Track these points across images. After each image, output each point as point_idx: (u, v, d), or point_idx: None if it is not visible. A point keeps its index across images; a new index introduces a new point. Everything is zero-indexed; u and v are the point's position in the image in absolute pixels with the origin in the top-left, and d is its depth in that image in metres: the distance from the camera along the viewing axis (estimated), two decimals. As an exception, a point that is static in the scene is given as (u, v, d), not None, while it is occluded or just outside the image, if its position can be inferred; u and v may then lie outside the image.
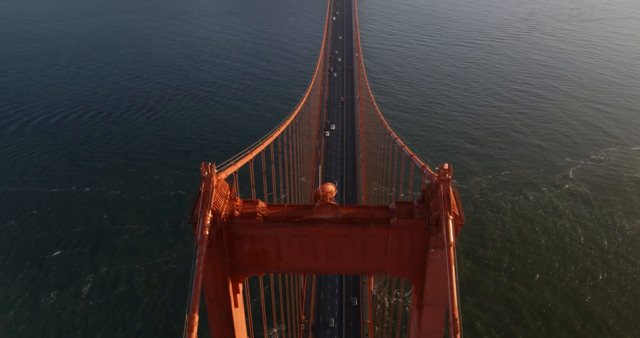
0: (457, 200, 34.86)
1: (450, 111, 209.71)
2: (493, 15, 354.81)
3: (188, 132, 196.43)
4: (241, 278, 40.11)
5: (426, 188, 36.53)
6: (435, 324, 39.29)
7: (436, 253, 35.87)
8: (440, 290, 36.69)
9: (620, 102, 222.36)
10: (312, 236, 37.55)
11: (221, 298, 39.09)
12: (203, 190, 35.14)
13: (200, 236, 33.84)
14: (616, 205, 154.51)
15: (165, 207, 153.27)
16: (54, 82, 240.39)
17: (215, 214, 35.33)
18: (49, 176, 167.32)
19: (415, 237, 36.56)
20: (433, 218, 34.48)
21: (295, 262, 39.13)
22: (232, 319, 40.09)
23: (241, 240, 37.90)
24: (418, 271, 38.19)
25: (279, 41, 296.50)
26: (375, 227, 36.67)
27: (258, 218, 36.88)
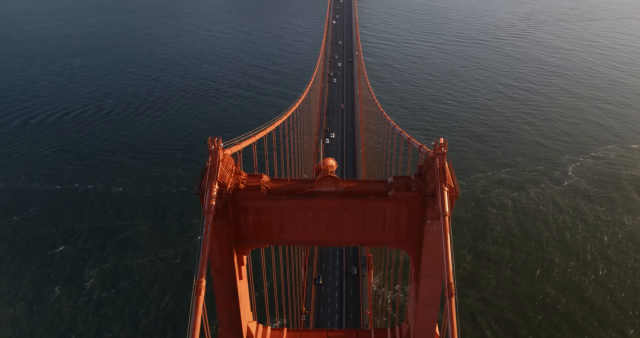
0: (452, 173, 36.16)
1: (452, 108, 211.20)
2: (493, 14, 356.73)
3: (190, 129, 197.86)
4: (245, 251, 41.29)
5: (423, 163, 37.77)
6: (432, 295, 40.55)
7: (432, 225, 37.12)
8: (436, 261, 37.92)
9: (620, 99, 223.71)
10: (314, 208, 38.79)
11: (226, 270, 40.29)
12: (210, 163, 36.43)
13: (207, 206, 35.05)
14: (616, 202, 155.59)
15: (167, 203, 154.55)
16: (57, 79, 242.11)
17: (222, 186, 36.58)
18: (53, 173, 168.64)
19: (413, 209, 37.80)
20: (429, 190, 35.76)
21: (297, 234, 40.38)
22: (236, 291, 41.28)
23: (246, 212, 39.12)
24: (415, 243, 39.41)
25: (278, 41, 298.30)
26: (374, 199, 37.95)
27: (262, 191, 38.09)
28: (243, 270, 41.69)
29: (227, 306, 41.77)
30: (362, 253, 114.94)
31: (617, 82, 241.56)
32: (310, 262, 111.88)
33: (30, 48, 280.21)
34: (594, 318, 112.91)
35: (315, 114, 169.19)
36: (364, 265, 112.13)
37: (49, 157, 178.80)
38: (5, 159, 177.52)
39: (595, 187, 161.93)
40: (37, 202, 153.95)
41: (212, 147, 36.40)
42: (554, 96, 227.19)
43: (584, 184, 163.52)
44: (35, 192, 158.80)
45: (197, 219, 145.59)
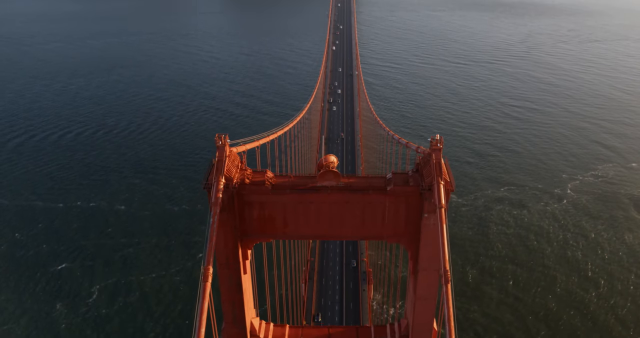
0: (448, 168, 38.36)
1: (453, 126, 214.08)
2: (492, 35, 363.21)
3: (192, 147, 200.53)
4: (250, 245, 43.13)
5: (420, 160, 39.90)
6: (430, 289, 42.28)
7: (429, 218, 39.13)
8: (433, 254, 39.77)
9: (619, 118, 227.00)
10: (316, 203, 40.79)
11: (231, 263, 42.07)
12: (217, 158, 38.54)
13: (214, 198, 36.98)
14: (616, 219, 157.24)
15: (170, 222, 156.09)
16: (61, 98, 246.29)
17: (228, 180, 38.65)
18: (56, 190, 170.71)
19: (411, 203, 39.86)
20: (426, 184, 37.94)
21: (300, 228, 42.29)
22: (241, 284, 42.97)
23: (251, 206, 41.13)
24: (413, 236, 41.30)
25: (279, 63, 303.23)
26: (374, 193, 40.04)
27: (267, 185, 40.06)
28: (247, 264, 43.55)
29: (232, 299, 43.47)
30: (362, 268, 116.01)
31: (616, 101, 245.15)
32: (311, 276, 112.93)
33: (34, 68, 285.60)
34: (597, 334, 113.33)
35: (315, 139, 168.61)
36: (363, 280, 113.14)
37: (53, 174, 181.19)
38: (10, 176, 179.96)
39: (595, 205, 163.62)
40: (40, 219, 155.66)
41: (220, 142, 38.58)
42: (554, 115, 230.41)
43: (584, 202, 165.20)
44: (38, 209, 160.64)
45: (200, 237, 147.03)
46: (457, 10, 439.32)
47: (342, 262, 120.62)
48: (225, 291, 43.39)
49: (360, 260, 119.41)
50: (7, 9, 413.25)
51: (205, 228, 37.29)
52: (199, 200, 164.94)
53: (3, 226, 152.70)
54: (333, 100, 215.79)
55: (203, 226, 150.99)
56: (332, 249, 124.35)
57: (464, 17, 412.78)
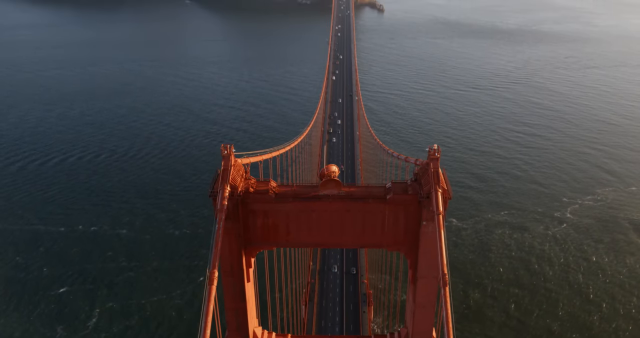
0: (446, 178, 40.60)
1: (453, 150, 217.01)
2: (491, 61, 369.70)
3: (193, 171, 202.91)
4: (253, 253, 44.90)
5: (418, 170, 42.12)
6: (429, 297, 43.87)
7: (428, 226, 41.09)
8: (432, 262, 41.50)
9: (618, 142, 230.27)
10: (318, 211, 42.73)
11: (235, 271, 43.75)
12: (223, 167, 40.71)
13: (219, 205, 38.97)
14: (617, 243, 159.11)
15: (171, 245, 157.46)
16: (64, 123, 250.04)
17: (233, 188, 40.72)
18: (57, 215, 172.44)
19: (409, 211, 41.88)
20: (424, 192, 40.05)
21: (302, 236, 44.12)
22: (244, 292, 44.53)
23: (255, 215, 43.05)
24: (412, 245, 43.12)
25: (279, 89, 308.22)
26: (374, 202, 42.08)
27: (270, 194, 42.07)
28: (251, 272, 45.28)
29: (235, 307, 45.01)
30: (362, 289, 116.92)
31: (615, 126, 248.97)
32: (311, 298, 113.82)
33: (36, 93, 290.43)
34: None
35: (315, 164, 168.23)
36: (364, 302, 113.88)
37: (54, 198, 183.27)
38: (12, 200, 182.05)
39: (595, 229, 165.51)
40: (41, 243, 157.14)
41: (225, 152, 40.85)
42: (553, 139, 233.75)
43: (585, 225, 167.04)
44: (39, 233, 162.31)
45: (201, 260, 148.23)
46: (455, 37, 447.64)
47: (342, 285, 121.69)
48: (229, 299, 44.89)
49: (360, 282, 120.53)
50: (11, 36, 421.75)
51: (211, 237, 39.00)
52: (201, 224, 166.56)
53: (4, 249, 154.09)
54: (333, 130, 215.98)
55: (204, 250, 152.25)
56: (332, 272, 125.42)
57: (462, 44, 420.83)
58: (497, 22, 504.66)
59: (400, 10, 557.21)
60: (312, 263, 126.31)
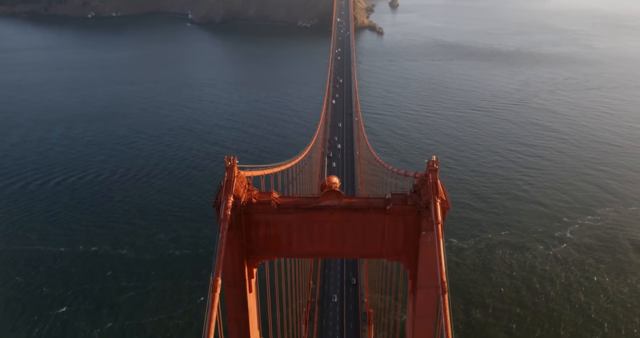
0: (444, 188, 42.28)
1: (453, 170, 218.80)
2: (490, 83, 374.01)
3: (195, 191, 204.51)
4: (256, 263, 46.16)
5: (417, 182, 43.83)
6: (428, 307, 45.03)
7: (427, 236, 42.54)
8: (431, 272, 42.76)
9: (618, 162, 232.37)
10: (319, 221, 44.14)
11: (237, 281, 44.96)
12: (226, 178, 42.37)
13: (223, 215, 40.48)
14: (617, 262, 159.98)
15: (171, 266, 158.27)
16: (68, 144, 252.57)
17: (236, 199, 42.22)
18: (57, 235, 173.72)
19: (409, 221, 43.37)
20: (424, 203, 41.60)
21: (303, 247, 45.43)
22: (246, 302, 45.65)
23: (257, 225, 44.43)
24: (412, 255, 44.51)
25: (279, 110, 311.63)
26: (374, 212, 43.59)
27: (272, 205, 43.62)
28: (253, 283, 46.47)
29: (237, 317, 46.11)
30: (363, 308, 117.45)
31: (615, 146, 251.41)
32: (311, 317, 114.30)
33: (40, 114, 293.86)
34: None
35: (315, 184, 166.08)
36: (364, 321, 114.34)
37: (53, 218, 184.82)
38: (13, 219, 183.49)
39: (596, 248, 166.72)
40: (41, 263, 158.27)
41: (229, 163, 42.62)
42: (553, 159, 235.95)
43: (586, 245, 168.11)
44: (39, 253, 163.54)
45: (201, 280, 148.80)
46: (454, 59, 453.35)
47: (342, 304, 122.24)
48: (231, 309, 45.95)
49: (360, 301, 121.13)
50: (13, 58, 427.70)
51: (214, 247, 40.24)
52: (202, 244, 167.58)
53: (5, 268, 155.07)
54: (333, 154, 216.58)
55: (205, 270, 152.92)
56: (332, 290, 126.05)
57: (462, 66, 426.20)
58: (495, 44, 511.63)
59: (399, 32, 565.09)
60: (312, 283, 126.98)
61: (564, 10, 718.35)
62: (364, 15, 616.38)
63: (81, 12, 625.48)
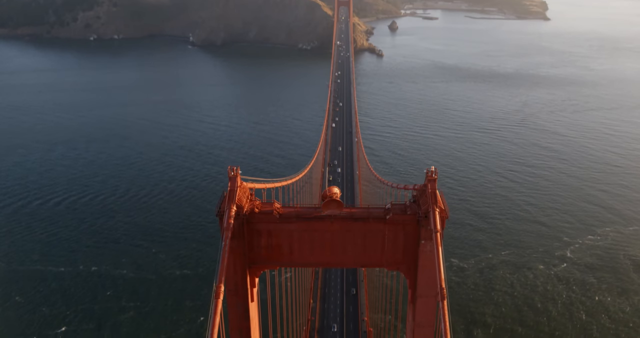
0: (443, 199, 43.81)
1: (454, 190, 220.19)
2: (490, 104, 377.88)
3: (197, 211, 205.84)
4: (258, 272, 47.30)
5: (416, 192, 45.40)
6: (427, 316, 46.04)
7: (426, 245, 43.86)
8: (431, 281, 43.98)
9: (617, 181, 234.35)
10: (320, 231, 45.39)
11: (240, 290, 45.99)
12: (229, 188, 43.90)
13: (226, 224, 41.82)
14: (618, 282, 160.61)
15: (170, 285, 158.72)
16: (68, 164, 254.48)
17: (239, 208, 43.59)
18: (58, 255, 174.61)
19: (408, 230, 44.72)
20: (423, 212, 43.07)
21: (305, 256, 46.64)
22: (248, 311, 46.66)
23: (259, 234, 45.67)
24: (411, 264, 45.75)
25: (279, 132, 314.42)
26: (374, 222, 44.91)
27: (275, 214, 45.02)
28: (255, 292, 47.50)
29: (239, 326, 47.05)
30: (363, 327, 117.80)
31: (615, 166, 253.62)
32: (311, 336, 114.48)
33: (39, 135, 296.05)
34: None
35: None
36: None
37: (53, 241, 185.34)
38: (15, 239, 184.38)
39: (597, 267, 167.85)
40: (39, 283, 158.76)
41: (232, 173, 44.24)
42: (553, 179, 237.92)
43: (587, 264, 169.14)
44: (42, 272, 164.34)
45: (202, 300, 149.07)
46: (454, 81, 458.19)
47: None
48: (233, 318, 46.88)
49: (360, 320, 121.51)
50: (15, 80, 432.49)
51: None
52: (203, 264, 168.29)
53: (6, 288, 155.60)
54: (332, 178, 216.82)
55: (206, 290, 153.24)
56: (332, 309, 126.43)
57: (461, 88, 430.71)
58: (494, 66, 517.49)
59: (399, 54, 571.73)
60: (312, 301, 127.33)
61: (561, 33, 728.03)
62: (363, 38, 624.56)
63: (83, 34, 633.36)
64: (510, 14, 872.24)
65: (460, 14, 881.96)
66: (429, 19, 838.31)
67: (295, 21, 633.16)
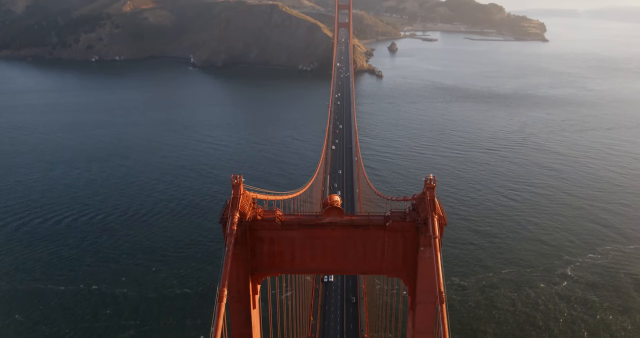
0: (441, 206, 45.35)
1: (454, 209, 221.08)
2: (489, 124, 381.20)
3: (199, 230, 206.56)
4: (260, 279, 48.44)
5: (416, 200, 46.97)
6: (427, 322, 47.06)
7: (425, 252, 45.18)
8: (430, 288, 45.16)
9: (617, 200, 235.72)
10: (321, 238, 46.67)
11: (242, 297, 47.03)
12: (232, 196, 45.43)
13: (229, 230, 43.22)
14: (622, 298, 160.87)
15: (170, 304, 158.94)
16: (70, 183, 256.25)
17: (242, 215, 45.03)
18: (59, 273, 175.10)
19: (407, 237, 46.08)
20: (421, 219, 44.53)
21: (306, 263, 47.80)
22: (250, 318, 47.64)
23: (261, 241, 46.93)
24: (411, 271, 47.01)
25: (280, 152, 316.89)
26: (374, 229, 46.24)
27: (277, 222, 46.44)
28: (257, 299, 48.54)
29: (241, 333, 47.96)
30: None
31: (615, 185, 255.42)
32: None
33: (42, 155, 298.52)
34: None
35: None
36: None
37: (54, 259, 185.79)
38: (16, 257, 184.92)
39: (598, 286, 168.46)
40: (45, 300, 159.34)
41: (235, 181, 45.88)
42: (553, 197, 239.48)
43: (587, 283, 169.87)
44: (44, 291, 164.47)
45: (203, 319, 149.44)
46: (453, 101, 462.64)
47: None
48: (235, 325, 47.82)
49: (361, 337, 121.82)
50: (20, 100, 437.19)
51: (221, 262, 42.60)
52: (204, 283, 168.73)
53: (7, 307, 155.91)
54: None
55: (207, 309, 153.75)
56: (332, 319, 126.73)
57: (461, 108, 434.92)
58: (493, 87, 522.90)
59: (398, 76, 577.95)
60: (313, 319, 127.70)
61: (559, 54, 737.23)
62: (363, 59, 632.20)
63: (85, 56, 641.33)
64: (509, 35, 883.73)
65: (459, 35, 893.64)
66: (428, 40, 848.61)
67: (295, 43, 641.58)
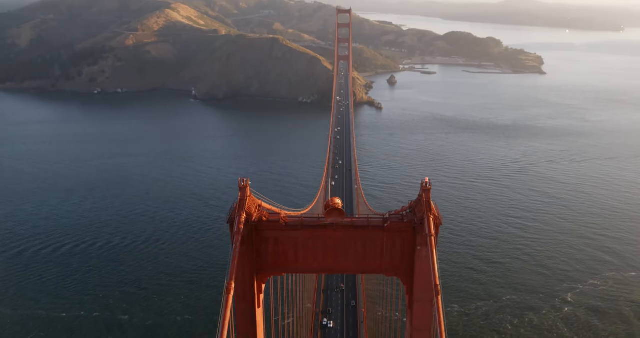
0: (437, 208, 48.70)
1: (454, 235, 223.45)
2: (489, 154, 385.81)
3: (202, 256, 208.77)
4: (264, 279, 51.21)
5: (413, 202, 50.32)
6: (425, 320, 49.64)
7: (422, 251, 48.29)
8: (427, 286, 48.03)
9: (618, 226, 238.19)
10: (323, 238, 49.82)
11: (248, 295, 49.72)
12: (239, 197, 48.78)
13: (236, 229, 46.35)
14: (625, 323, 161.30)
15: (171, 331, 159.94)
16: (66, 214, 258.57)
17: (248, 216, 48.26)
18: (68, 301, 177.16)
19: (405, 237, 49.28)
20: (418, 219, 47.85)
21: (309, 263, 50.78)
22: (255, 317, 50.14)
23: (266, 242, 50.02)
24: (408, 270, 49.94)
25: (279, 183, 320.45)
26: (373, 230, 49.50)
27: (281, 223, 49.61)
28: (261, 298, 51.28)
29: (246, 331, 50.44)
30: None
31: (614, 212, 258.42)
32: None
33: (44, 184, 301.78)
34: None
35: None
36: None
37: (56, 287, 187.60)
38: (25, 285, 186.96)
39: (599, 311, 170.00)
40: (54, 328, 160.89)
41: (242, 184, 49.30)
42: (553, 224, 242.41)
43: (588, 308, 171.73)
44: (52, 319, 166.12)
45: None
46: (453, 133, 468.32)
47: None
48: (240, 323, 50.28)
49: None
50: (23, 131, 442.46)
51: (227, 263, 45.21)
52: (213, 309, 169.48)
53: (13, 333, 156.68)
54: None
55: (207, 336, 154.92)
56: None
57: (460, 138, 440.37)
58: (492, 118, 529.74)
59: (398, 107, 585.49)
60: None
61: (557, 86, 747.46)
62: (363, 91, 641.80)
63: (88, 88, 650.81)
64: (507, 68, 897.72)
65: (458, 68, 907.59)
66: (427, 73, 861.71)
67: (296, 75, 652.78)
